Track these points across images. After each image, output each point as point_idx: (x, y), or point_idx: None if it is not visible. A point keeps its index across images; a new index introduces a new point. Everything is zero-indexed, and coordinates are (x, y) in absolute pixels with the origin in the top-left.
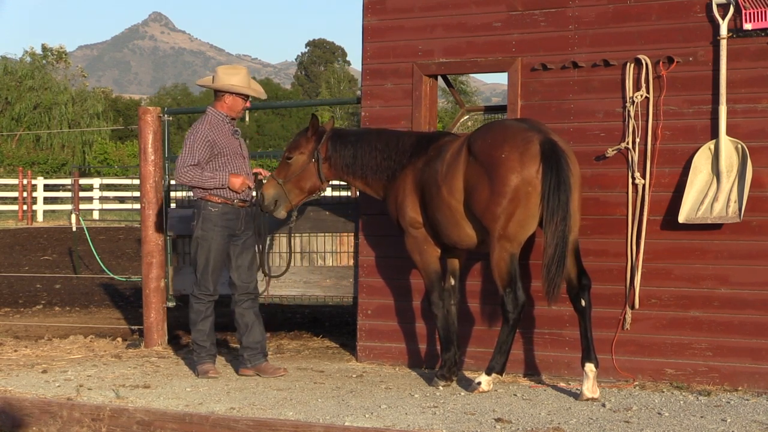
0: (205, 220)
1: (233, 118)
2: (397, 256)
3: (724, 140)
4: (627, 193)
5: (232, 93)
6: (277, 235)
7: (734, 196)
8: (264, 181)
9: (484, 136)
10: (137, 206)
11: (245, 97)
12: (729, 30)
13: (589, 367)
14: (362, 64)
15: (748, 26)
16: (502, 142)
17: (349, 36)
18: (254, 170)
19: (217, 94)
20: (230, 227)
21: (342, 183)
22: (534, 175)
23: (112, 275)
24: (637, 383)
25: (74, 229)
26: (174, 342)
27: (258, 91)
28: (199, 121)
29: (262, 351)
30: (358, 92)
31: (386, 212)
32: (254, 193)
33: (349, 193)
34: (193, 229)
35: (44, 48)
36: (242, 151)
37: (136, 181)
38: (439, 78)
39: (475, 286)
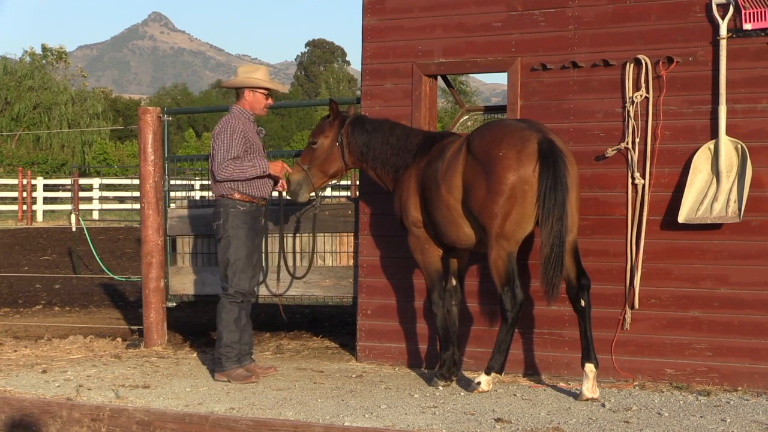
0: (234, 217)
1: (256, 116)
2: (397, 257)
3: (724, 140)
4: (627, 193)
5: (252, 88)
6: (290, 234)
7: (734, 196)
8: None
9: (482, 135)
10: (137, 206)
11: (266, 93)
12: (729, 30)
13: (589, 368)
14: (362, 64)
15: (747, 26)
16: (499, 140)
17: (348, 36)
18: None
19: (240, 92)
20: (254, 226)
21: (342, 183)
22: (531, 173)
23: (111, 275)
24: (636, 383)
25: (74, 229)
26: (173, 342)
27: (278, 85)
28: (228, 118)
29: (249, 351)
30: (358, 92)
31: (386, 212)
32: (276, 193)
33: (349, 193)
34: (217, 228)
35: (44, 48)
36: (262, 150)
37: (136, 181)
38: (439, 78)
39: (474, 286)
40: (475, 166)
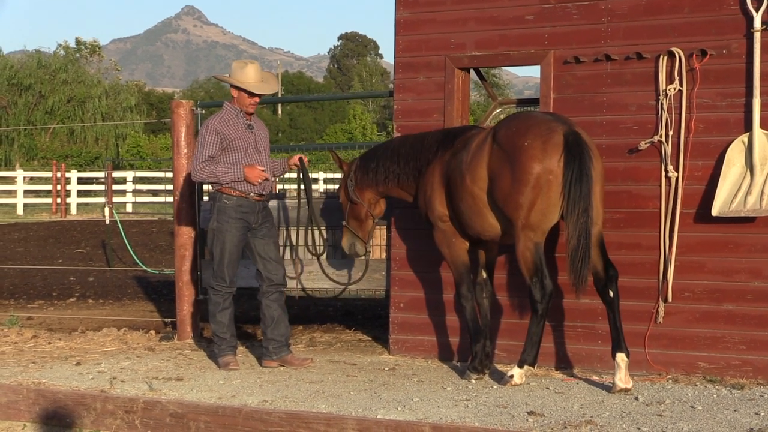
0: (220, 212)
1: (247, 113)
2: (429, 250)
3: (758, 133)
4: (660, 186)
5: (235, 87)
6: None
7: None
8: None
9: (508, 125)
10: (170, 199)
11: (248, 92)
12: (762, 22)
13: (621, 357)
14: (394, 57)
15: None
16: (525, 131)
17: (381, 29)
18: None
19: (231, 88)
20: (246, 220)
21: None
22: (556, 164)
23: (145, 268)
24: (670, 377)
25: (107, 221)
26: (206, 334)
27: (259, 87)
28: (211, 116)
29: (286, 343)
30: (391, 85)
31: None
32: (273, 185)
33: None
34: (209, 221)
35: (78, 41)
36: (258, 145)
37: (169, 174)
38: (472, 71)
39: (504, 279)
40: (501, 156)
